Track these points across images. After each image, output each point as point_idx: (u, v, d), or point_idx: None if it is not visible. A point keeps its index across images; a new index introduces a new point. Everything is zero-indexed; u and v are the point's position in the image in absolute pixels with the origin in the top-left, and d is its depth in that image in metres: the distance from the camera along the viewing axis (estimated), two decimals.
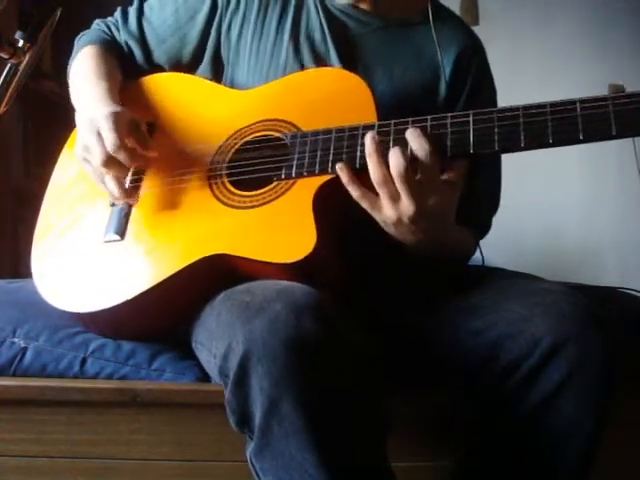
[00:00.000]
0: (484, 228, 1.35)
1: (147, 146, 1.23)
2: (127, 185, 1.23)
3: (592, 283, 1.38)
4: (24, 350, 1.24)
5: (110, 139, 1.17)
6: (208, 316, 1.12)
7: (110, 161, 1.18)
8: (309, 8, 1.34)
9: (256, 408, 0.96)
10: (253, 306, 0.99)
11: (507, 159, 1.37)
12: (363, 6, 1.33)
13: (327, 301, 1.00)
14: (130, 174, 1.25)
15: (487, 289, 1.14)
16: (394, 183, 1.05)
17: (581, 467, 1.05)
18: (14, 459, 1.20)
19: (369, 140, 1.08)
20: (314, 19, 1.33)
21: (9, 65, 1.21)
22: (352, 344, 0.99)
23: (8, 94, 1.23)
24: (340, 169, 1.10)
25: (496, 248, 1.38)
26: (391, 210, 1.06)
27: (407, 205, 1.05)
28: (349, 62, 1.29)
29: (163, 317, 1.21)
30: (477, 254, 1.35)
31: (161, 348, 1.24)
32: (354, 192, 1.08)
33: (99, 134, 1.18)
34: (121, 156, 1.18)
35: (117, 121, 1.18)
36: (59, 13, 1.23)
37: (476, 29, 1.43)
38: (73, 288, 1.23)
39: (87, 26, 1.47)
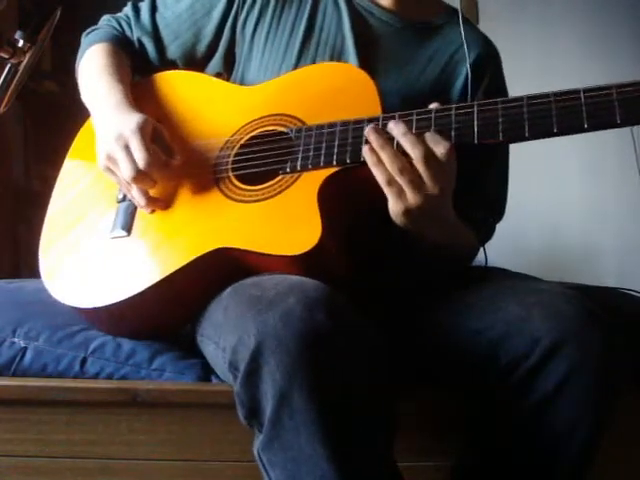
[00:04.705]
0: (486, 231, 1.34)
1: (171, 154, 1.22)
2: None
3: (592, 283, 1.38)
4: (24, 350, 1.24)
5: (141, 157, 1.17)
6: (215, 310, 1.12)
7: (140, 176, 1.18)
8: (326, 6, 1.34)
9: (267, 400, 0.95)
10: (265, 300, 0.98)
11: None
12: (384, 2, 1.33)
13: (338, 296, 1.00)
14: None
15: (486, 289, 1.14)
16: (414, 169, 1.05)
17: (581, 467, 1.05)
18: (14, 459, 1.20)
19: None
20: (330, 16, 1.32)
21: (9, 65, 1.21)
22: (364, 338, 0.99)
23: (8, 94, 1.23)
24: (367, 153, 1.07)
25: (496, 248, 1.38)
26: (414, 196, 1.05)
27: (431, 186, 1.05)
28: (367, 60, 1.29)
29: (168, 313, 1.21)
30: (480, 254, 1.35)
31: (161, 348, 1.24)
32: (382, 175, 1.06)
33: (127, 148, 1.18)
34: (151, 171, 1.18)
35: (145, 135, 1.18)
36: (59, 13, 1.23)
37: None
38: (81, 285, 1.23)
39: (87, 26, 1.45)
